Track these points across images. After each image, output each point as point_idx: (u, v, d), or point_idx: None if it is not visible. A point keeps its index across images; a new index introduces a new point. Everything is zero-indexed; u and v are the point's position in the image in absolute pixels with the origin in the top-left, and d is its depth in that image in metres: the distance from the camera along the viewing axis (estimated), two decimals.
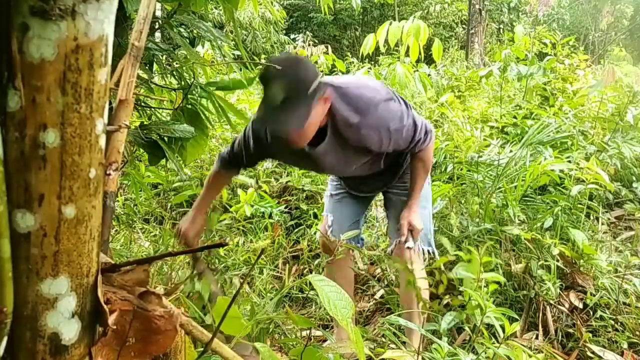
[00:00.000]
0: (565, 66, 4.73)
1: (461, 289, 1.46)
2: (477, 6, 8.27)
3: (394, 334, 1.58)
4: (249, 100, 4.61)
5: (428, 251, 1.93)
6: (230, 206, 2.92)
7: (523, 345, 1.28)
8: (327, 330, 2.10)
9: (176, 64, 1.44)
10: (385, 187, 1.98)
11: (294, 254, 2.83)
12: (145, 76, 1.35)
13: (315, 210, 3.12)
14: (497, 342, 1.35)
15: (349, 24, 15.07)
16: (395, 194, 1.97)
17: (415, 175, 1.84)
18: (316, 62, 4.91)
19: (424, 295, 1.60)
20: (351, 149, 1.64)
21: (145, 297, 0.65)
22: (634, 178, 3.32)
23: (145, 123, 1.22)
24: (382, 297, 2.43)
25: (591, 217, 2.85)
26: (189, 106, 1.35)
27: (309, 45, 4.99)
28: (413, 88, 4.50)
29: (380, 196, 2.16)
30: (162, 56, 1.34)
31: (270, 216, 3.05)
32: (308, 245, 2.79)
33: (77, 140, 0.54)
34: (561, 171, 2.74)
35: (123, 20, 1.17)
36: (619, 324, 2.06)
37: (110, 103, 0.72)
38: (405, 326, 1.55)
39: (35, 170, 0.53)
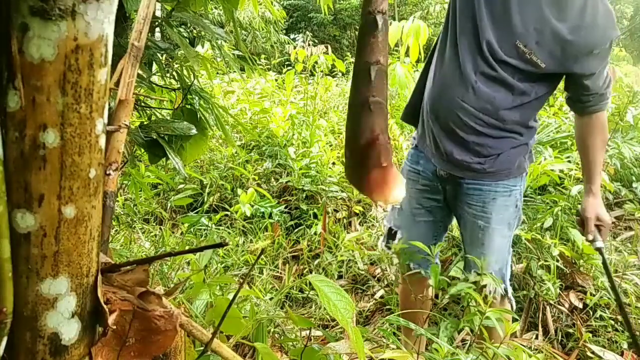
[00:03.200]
0: None
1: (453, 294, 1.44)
2: None
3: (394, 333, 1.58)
4: (248, 100, 4.60)
5: (505, 290, 1.57)
6: None
7: (523, 345, 1.28)
8: (327, 330, 2.10)
9: (176, 63, 1.44)
10: (467, 171, 1.52)
11: (294, 254, 2.82)
12: (145, 76, 1.34)
13: (315, 210, 3.12)
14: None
15: (349, 24, 15.07)
16: (469, 214, 1.55)
17: (595, 148, 1.39)
18: (316, 62, 4.90)
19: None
20: (546, 28, 1.33)
21: (145, 297, 0.65)
22: (634, 178, 3.32)
23: (145, 123, 1.22)
24: (382, 297, 2.43)
25: None
26: (188, 106, 1.35)
27: (309, 45, 4.99)
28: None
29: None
30: (161, 55, 1.34)
31: (270, 216, 3.05)
32: (308, 245, 2.79)
33: (77, 140, 0.54)
34: (561, 171, 2.74)
35: (123, 20, 1.17)
36: (619, 324, 2.06)
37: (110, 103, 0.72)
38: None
39: (35, 171, 0.53)
